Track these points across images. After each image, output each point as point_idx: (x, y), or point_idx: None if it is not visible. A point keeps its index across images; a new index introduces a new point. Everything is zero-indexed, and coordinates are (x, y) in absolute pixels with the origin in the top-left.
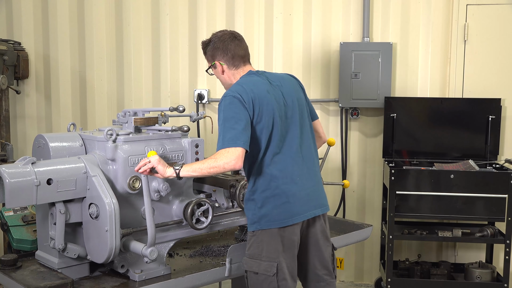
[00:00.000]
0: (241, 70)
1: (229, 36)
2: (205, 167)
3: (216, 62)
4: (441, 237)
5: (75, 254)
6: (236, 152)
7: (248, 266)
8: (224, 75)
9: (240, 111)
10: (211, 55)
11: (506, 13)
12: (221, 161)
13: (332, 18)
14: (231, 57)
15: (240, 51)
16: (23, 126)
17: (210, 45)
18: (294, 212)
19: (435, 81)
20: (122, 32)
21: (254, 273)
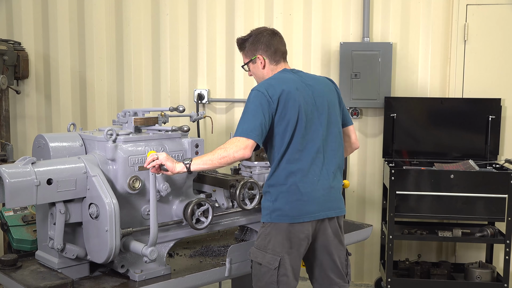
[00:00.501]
0: (280, 66)
1: (271, 31)
2: (216, 158)
3: (258, 56)
4: (441, 237)
5: (73, 254)
6: (246, 142)
7: (254, 256)
8: (264, 70)
9: (261, 106)
10: (252, 49)
11: (506, 13)
12: (230, 150)
13: (332, 18)
14: (273, 51)
15: (282, 47)
16: (23, 126)
17: (251, 40)
18: (306, 210)
19: (435, 81)
20: (122, 32)
21: (258, 264)
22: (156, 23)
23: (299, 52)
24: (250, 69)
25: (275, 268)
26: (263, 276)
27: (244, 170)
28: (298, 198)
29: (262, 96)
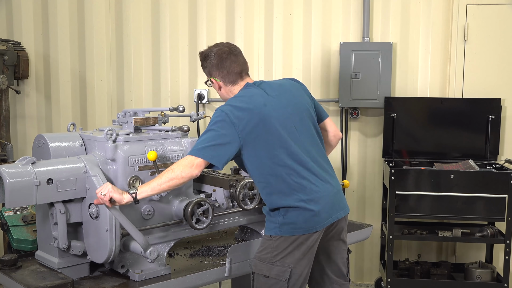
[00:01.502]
0: (238, 85)
1: (225, 52)
2: (163, 181)
3: (211, 79)
4: (441, 237)
5: (80, 250)
6: (193, 161)
7: (258, 269)
8: (222, 91)
9: (222, 128)
10: (208, 71)
11: (506, 13)
12: (177, 171)
13: (332, 18)
14: (226, 73)
15: (236, 68)
16: (23, 126)
17: (207, 61)
18: (318, 219)
19: (435, 81)
20: (122, 32)
21: (264, 276)
22: (156, 23)
23: (299, 52)
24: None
25: (285, 280)
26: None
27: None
28: (310, 210)
29: (226, 117)
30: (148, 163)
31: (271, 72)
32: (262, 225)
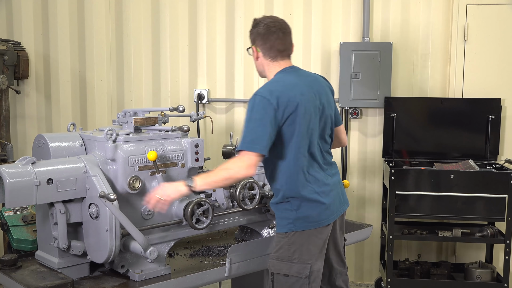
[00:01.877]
0: (277, 63)
1: (275, 26)
2: (219, 179)
3: (252, 47)
4: (441, 237)
5: (80, 250)
6: (248, 160)
7: (277, 269)
8: (259, 62)
9: (267, 114)
10: (253, 37)
11: (506, 13)
12: (232, 171)
13: (332, 18)
14: (269, 47)
15: (280, 45)
16: (23, 126)
17: (256, 28)
18: (330, 212)
19: (435, 81)
20: (122, 32)
21: (283, 276)
22: (156, 23)
23: (299, 52)
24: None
25: (306, 277)
26: (292, 287)
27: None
28: (322, 203)
29: (268, 104)
30: (148, 163)
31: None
32: (262, 225)
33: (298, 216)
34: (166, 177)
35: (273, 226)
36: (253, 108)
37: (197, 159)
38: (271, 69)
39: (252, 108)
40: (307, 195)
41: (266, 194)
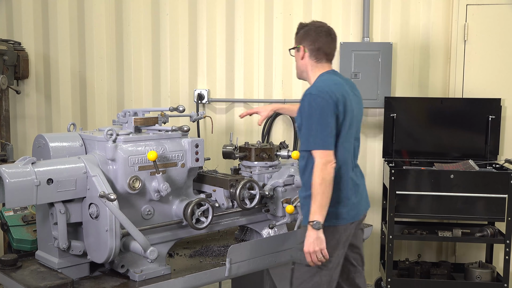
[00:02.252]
0: (321, 65)
1: (325, 30)
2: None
3: (301, 46)
4: (441, 237)
5: (80, 250)
6: (327, 157)
7: (300, 259)
8: (303, 62)
9: (326, 111)
10: (301, 37)
11: (506, 13)
12: (326, 179)
13: (332, 18)
14: (316, 48)
15: (327, 48)
16: (23, 126)
17: (304, 29)
18: (358, 209)
19: (435, 81)
20: (122, 32)
21: (306, 265)
22: (156, 23)
23: None
24: (294, 55)
25: (325, 270)
26: (313, 277)
27: (244, 170)
28: (353, 200)
29: (325, 101)
30: (148, 163)
31: (271, 72)
32: (262, 225)
33: (330, 212)
34: (166, 177)
35: (273, 226)
36: (311, 107)
37: (197, 159)
38: (314, 70)
39: (311, 107)
40: (344, 193)
41: (266, 194)
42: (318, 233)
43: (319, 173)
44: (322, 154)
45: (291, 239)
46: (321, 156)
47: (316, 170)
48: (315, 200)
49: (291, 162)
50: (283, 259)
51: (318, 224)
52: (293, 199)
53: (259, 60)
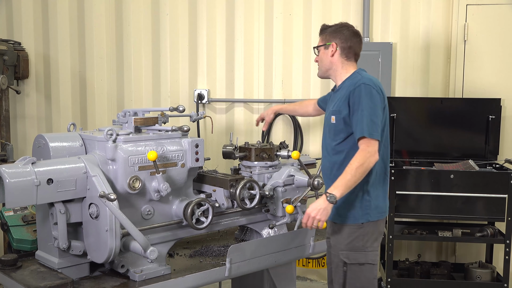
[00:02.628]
0: (351, 64)
1: (356, 31)
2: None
3: (333, 43)
4: (441, 237)
5: (80, 250)
6: (374, 147)
7: (352, 259)
8: (332, 59)
9: (379, 104)
10: (331, 35)
11: (506, 13)
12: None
13: (332, 18)
14: (348, 47)
15: (357, 49)
16: (23, 126)
17: (334, 27)
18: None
19: (435, 81)
20: (122, 32)
21: (359, 265)
22: (156, 23)
23: (299, 52)
24: (320, 53)
25: (376, 263)
26: (366, 275)
27: (244, 170)
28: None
29: (376, 93)
30: (148, 163)
31: (271, 72)
32: (262, 225)
33: (374, 205)
34: (166, 177)
35: (273, 226)
36: (365, 96)
37: (197, 159)
38: (345, 67)
39: (364, 96)
40: (386, 187)
41: (266, 194)
42: (328, 206)
43: (361, 158)
44: (370, 142)
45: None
46: (368, 145)
47: (360, 153)
48: (343, 178)
49: (291, 162)
50: (283, 259)
51: (334, 198)
52: (293, 199)
53: (259, 60)
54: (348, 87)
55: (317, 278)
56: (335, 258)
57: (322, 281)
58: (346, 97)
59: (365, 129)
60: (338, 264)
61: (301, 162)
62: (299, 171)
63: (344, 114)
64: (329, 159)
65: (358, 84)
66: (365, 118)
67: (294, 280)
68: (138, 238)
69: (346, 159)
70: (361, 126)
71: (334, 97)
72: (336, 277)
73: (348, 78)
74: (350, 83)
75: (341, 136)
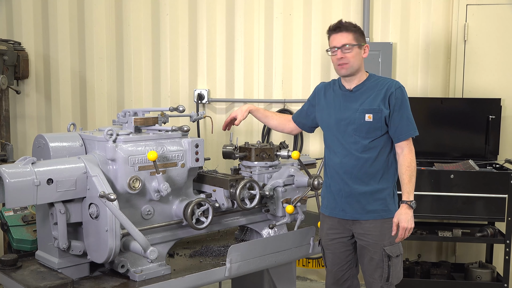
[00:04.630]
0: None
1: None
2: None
3: (367, 45)
4: (441, 237)
5: (80, 250)
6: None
7: (393, 252)
8: (361, 58)
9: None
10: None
11: (506, 13)
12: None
13: (332, 18)
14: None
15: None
16: (23, 126)
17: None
18: None
19: (435, 81)
20: (122, 32)
21: (396, 256)
22: (156, 23)
23: (299, 52)
24: (353, 52)
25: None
26: (400, 264)
27: (244, 170)
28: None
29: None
30: (148, 163)
31: (271, 72)
32: (262, 225)
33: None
34: (166, 177)
35: (273, 226)
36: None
37: (197, 159)
38: (363, 68)
39: (406, 98)
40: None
41: (266, 194)
42: (411, 213)
43: (413, 157)
44: (411, 141)
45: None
46: (411, 143)
47: (411, 154)
48: (410, 181)
49: (291, 162)
50: (283, 259)
51: (415, 204)
52: (293, 199)
53: (259, 60)
54: (379, 88)
55: (317, 278)
56: (375, 255)
57: (322, 281)
58: (384, 97)
59: (412, 130)
60: (382, 260)
61: (301, 162)
62: (299, 171)
63: (386, 113)
64: (358, 157)
65: (398, 86)
66: (410, 119)
67: (294, 280)
68: (138, 238)
69: (380, 154)
70: (407, 127)
71: (354, 97)
72: (377, 273)
73: (368, 79)
74: (378, 84)
75: (377, 133)
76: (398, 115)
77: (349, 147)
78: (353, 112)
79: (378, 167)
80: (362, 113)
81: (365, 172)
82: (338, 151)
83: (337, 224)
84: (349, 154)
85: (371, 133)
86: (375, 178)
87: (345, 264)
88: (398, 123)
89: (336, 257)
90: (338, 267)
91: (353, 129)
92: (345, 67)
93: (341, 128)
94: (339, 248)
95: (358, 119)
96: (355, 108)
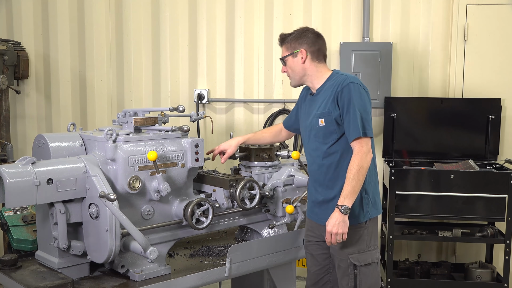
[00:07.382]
0: (324, 66)
1: (316, 32)
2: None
3: (301, 50)
4: (441, 237)
5: (80, 250)
6: (367, 145)
7: (362, 260)
8: (304, 65)
9: (368, 103)
10: (296, 43)
11: (506, 13)
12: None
13: (332, 18)
14: (317, 50)
15: (324, 50)
16: (23, 126)
17: (295, 34)
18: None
19: (435, 81)
20: (122, 32)
21: (367, 265)
22: (156, 23)
23: None
24: (288, 63)
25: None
26: (373, 274)
27: (244, 170)
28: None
29: (364, 91)
30: (148, 163)
31: (271, 72)
32: (262, 225)
33: (372, 202)
34: (166, 177)
35: (273, 226)
36: (355, 95)
37: (197, 159)
38: (320, 70)
39: (354, 95)
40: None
41: (266, 194)
42: (344, 217)
43: (359, 161)
44: (365, 141)
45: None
46: (363, 144)
47: (357, 156)
48: (349, 185)
49: (291, 162)
50: (283, 259)
51: (347, 209)
52: (293, 199)
53: (259, 60)
54: (333, 88)
55: None
56: (342, 262)
57: None
58: (333, 98)
59: (358, 129)
60: (347, 268)
61: (301, 162)
62: (299, 171)
63: (335, 115)
64: (321, 163)
65: (345, 84)
66: (358, 117)
67: (294, 280)
68: (138, 238)
69: (342, 158)
70: (354, 126)
71: (315, 100)
72: (344, 281)
73: (328, 80)
74: (334, 84)
75: (334, 137)
76: (347, 115)
77: (313, 154)
78: (312, 117)
79: (342, 172)
80: (316, 117)
81: (330, 179)
82: (308, 159)
83: (313, 226)
84: (314, 162)
85: (327, 138)
86: (339, 184)
87: (323, 267)
88: (346, 124)
89: (314, 259)
90: (316, 269)
91: (313, 135)
92: (290, 79)
93: (306, 135)
94: (316, 250)
95: (315, 125)
96: (314, 113)
